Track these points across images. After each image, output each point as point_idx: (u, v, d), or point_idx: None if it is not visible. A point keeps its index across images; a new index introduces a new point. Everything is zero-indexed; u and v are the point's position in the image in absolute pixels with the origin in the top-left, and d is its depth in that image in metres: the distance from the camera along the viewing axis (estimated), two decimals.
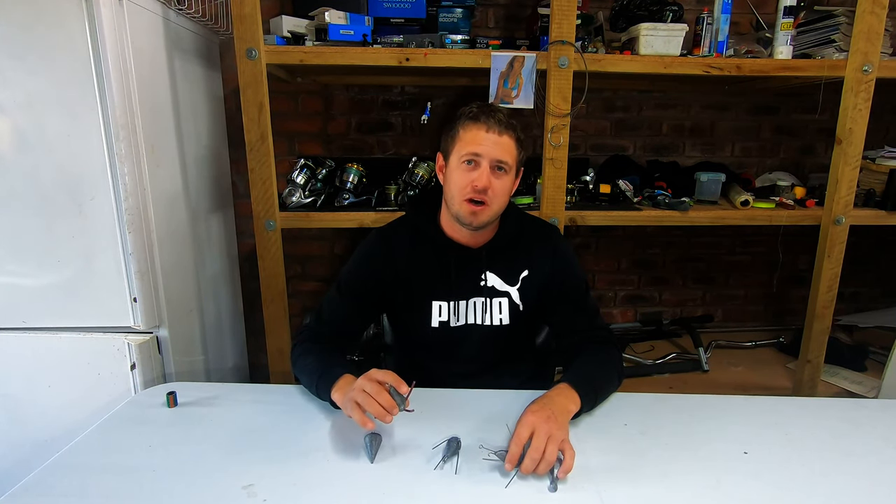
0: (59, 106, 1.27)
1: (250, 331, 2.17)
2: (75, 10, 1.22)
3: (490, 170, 1.08)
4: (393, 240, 1.21)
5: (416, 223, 1.23)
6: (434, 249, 1.19)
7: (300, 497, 0.83)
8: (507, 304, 1.20)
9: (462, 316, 1.20)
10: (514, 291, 1.20)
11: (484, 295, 1.19)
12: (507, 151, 1.09)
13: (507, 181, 1.11)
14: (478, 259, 1.19)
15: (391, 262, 1.19)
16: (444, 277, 1.18)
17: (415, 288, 1.19)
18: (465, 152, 1.08)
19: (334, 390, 1.00)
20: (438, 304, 1.19)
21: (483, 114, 1.09)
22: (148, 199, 1.40)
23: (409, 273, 1.19)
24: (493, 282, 1.19)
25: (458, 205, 1.11)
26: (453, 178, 1.11)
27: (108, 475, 0.88)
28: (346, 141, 2.08)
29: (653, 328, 2.25)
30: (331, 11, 1.49)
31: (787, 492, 0.86)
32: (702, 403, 1.12)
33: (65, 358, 1.40)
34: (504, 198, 1.13)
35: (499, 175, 1.10)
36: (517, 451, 0.86)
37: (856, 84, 1.54)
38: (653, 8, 1.58)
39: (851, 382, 1.84)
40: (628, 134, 2.14)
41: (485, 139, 1.08)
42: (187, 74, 1.66)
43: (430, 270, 1.19)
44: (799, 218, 1.69)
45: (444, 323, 1.20)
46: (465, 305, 1.20)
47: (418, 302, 1.20)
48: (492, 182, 1.08)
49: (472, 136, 1.08)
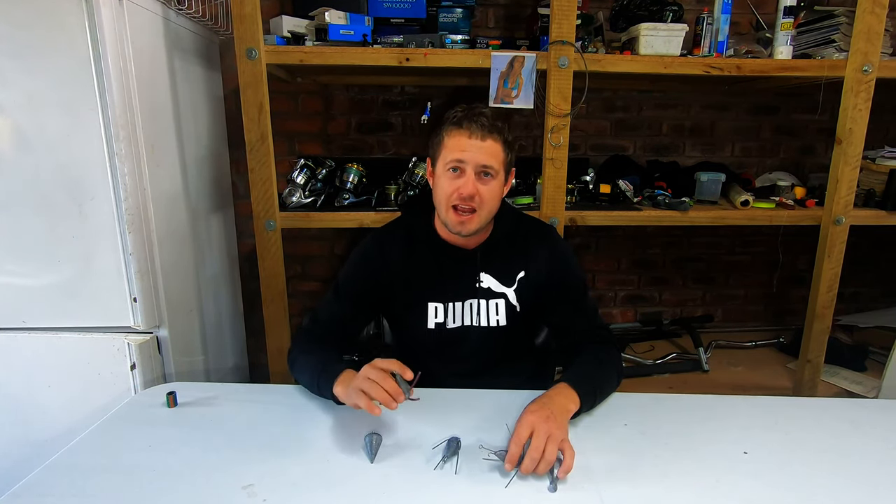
0: (59, 106, 1.27)
1: (250, 331, 2.17)
2: (75, 10, 1.22)
3: (476, 176, 1.07)
4: (388, 242, 1.21)
5: (410, 225, 1.23)
6: (429, 251, 1.19)
7: (300, 497, 0.83)
8: (504, 306, 1.19)
9: (458, 318, 1.20)
10: (511, 293, 1.19)
11: (479, 296, 1.19)
12: (493, 156, 1.08)
13: (494, 186, 1.10)
14: (472, 260, 1.18)
15: (386, 264, 1.19)
16: (439, 279, 1.18)
17: (410, 289, 1.19)
18: (450, 159, 1.08)
19: (336, 384, 0.99)
20: (434, 306, 1.19)
21: (466, 119, 1.08)
22: (148, 199, 1.40)
23: (404, 274, 1.19)
24: (488, 283, 1.19)
25: (444, 212, 1.10)
26: (440, 184, 1.10)
27: (108, 475, 0.88)
28: (346, 141, 2.08)
29: (653, 328, 2.25)
30: (331, 11, 1.49)
31: (786, 492, 0.86)
32: (702, 403, 1.12)
33: (65, 358, 1.40)
34: (493, 202, 1.11)
35: (485, 181, 1.08)
36: (517, 450, 0.86)
37: (856, 84, 1.54)
38: (653, 8, 1.58)
39: (851, 382, 1.84)
40: (628, 134, 2.14)
41: (468, 145, 1.06)
42: (187, 74, 1.66)
43: (425, 272, 1.19)
44: (799, 218, 1.69)
45: (440, 324, 1.19)
46: (461, 307, 1.20)
47: (414, 303, 1.20)
48: (478, 189, 1.07)
49: (455, 142, 1.07)
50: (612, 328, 2.28)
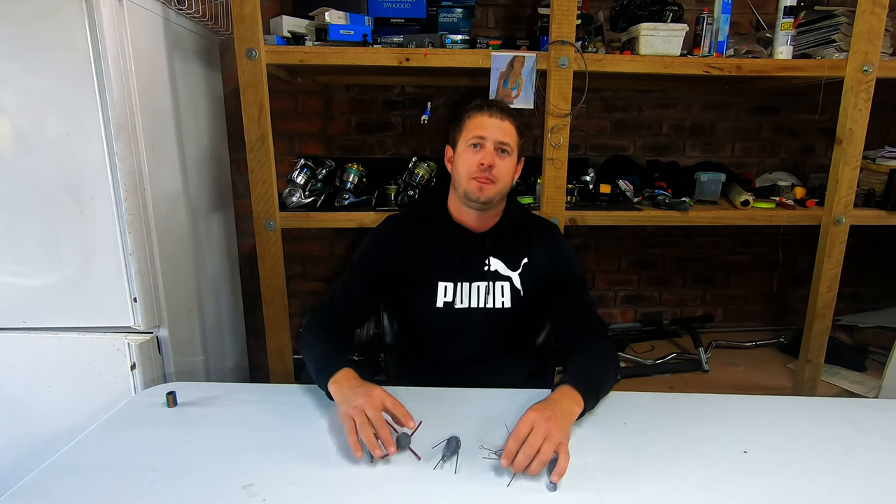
0: (59, 106, 1.27)
1: (250, 331, 2.17)
2: (75, 10, 1.22)
3: (494, 151, 1.18)
4: (402, 223, 1.30)
5: (425, 207, 1.32)
6: (441, 232, 1.27)
7: (300, 497, 0.83)
8: (509, 288, 1.26)
9: (465, 298, 1.25)
10: (516, 276, 1.26)
11: (487, 279, 1.25)
12: (509, 134, 1.20)
13: (509, 162, 1.21)
14: (482, 243, 1.26)
15: (401, 244, 1.26)
16: (450, 259, 1.25)
17: (422, 268, 1.26)
18: (472, 136, 1.19)
19: (331, 382, 1.01)
20: (444, 285, 1.25)
21: (486, 104, 1.22)
22: (148, 199, 1.40)
23: (417, 254, 1.26)
24: (496, 266, 1.26)
25: (465, 183, 1.20)
26: (461, 160, 1.21)
27: (108, 475, 0.88)
28: (346, 141, 2.08)
29: (653, 328, 2.25)
30: (331, 11, 1.49)
31: (786, 491, 0.86)
32: (702, 403, 1.12)
33: (65, 358, 1.40)
34: (507, 177, 1.21)
35: (502, 157, 1.20)
36: (514, 447, 0.86)
37: (856, 84, 1.54)
38: (653, 8, 1.58)
39: (851, 382, 1.84)
40: (628, 134, 2.14)
41: (488, 123, 1.19)
42: (187, 74, 1.66)
43: (437, 252, 1.26)
44: (799, 218, 1.69)
45: (448, 304, 1.25)
46: (469, 288, 1.25)
47: (424, 282, 1.25)
48: (496, 161, 1.18)
49: (476, 122, 1.20)
50: (612, 328, 2.28)
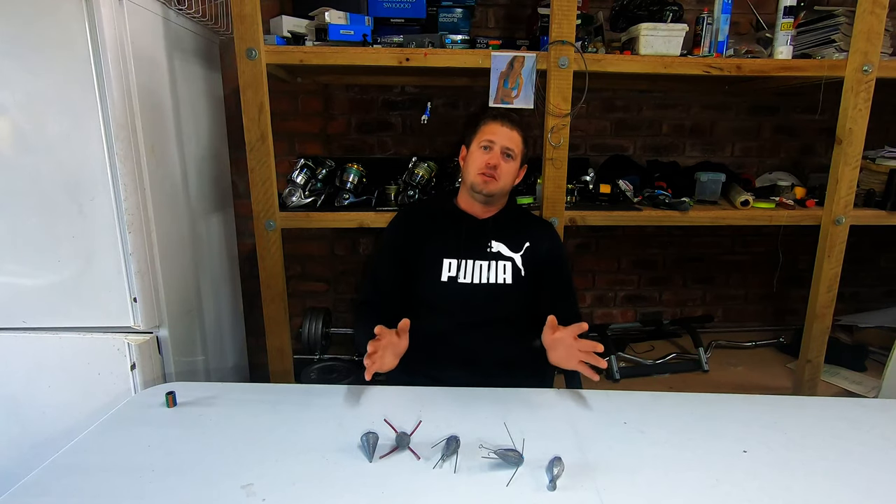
0: (59, 106, 1.27)
1: (250, 331, 2.17)
2: (75, 10, 1.22)
3: (500, 154, 1.35)
4: (414, 212, 1.52)
5: (435, 200, 1.51)
6: (449, 219, 1.43)
7: (300, 497, 0.83)
8: (511, 267, 1.39)
9: (468, 274, 1.38)
10: (518, 258, 1.40)
11: (489, 258, 1.39)
12: (515, 142, 1.37)
13: (512, 166, 1.37)
14: (485, 229, 1.40)
15: (413, 227, 1.45)
16: (455, 240, 1.40)
17: (430, 247, 1.40)
18: (484, 139, 1.37)
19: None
20: (448, 262, 1.39)
21: (500, 114, 1.40)
22: (148, 199, 1.40)
23: (426, 236, 1.42)
24: (498, 248, 1.41)
25: (473, 177, 1.37)
26: (472, 158, 1.38)
27: (107, 475, 0.88)
28: (346, 141, 2.08)
29: (653, 328, 2.24)
30: (331, 11, 1.49)
31: (786, 491, 0.86)
32: (702, 403, 1.13)
33: (65, 358, 1.40)
34: (508, 178, 1.38)
35: (507, 160, 1.36)
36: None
37: (856, 84, 1.54)
38: (653, 8, 1.58)
39: (851, 382, 1.84)
40: (628, 134, 2.14)
41: (499, 130, 1.36)
42: (187, 74, 1.66)
43: (444, 234, 1.41)
44: (799, 218, 1.69)
45: (452, 278, 1.38)
46: (472, 265, 1.39)
47: (431, 259, 1.39)
48: (501, 163, 1.35)
49: (489, 128, 1.37)
50: (612, 328, 2.28)
